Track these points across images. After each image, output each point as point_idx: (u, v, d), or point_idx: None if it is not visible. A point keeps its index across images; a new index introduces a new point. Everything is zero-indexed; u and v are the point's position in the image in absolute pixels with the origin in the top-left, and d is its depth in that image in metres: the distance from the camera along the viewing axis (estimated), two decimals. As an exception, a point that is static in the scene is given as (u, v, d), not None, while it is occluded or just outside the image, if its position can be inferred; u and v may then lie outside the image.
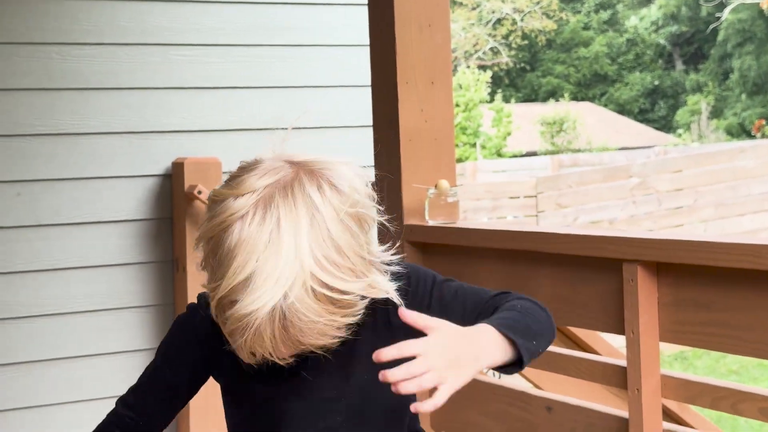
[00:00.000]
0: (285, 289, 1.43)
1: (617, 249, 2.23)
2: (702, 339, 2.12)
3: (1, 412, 4.24)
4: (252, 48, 4.63)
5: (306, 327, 1.46)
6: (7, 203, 4.24)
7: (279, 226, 1.47)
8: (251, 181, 1.54)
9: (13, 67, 4.23)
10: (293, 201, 1.49)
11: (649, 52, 40.27)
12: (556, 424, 2.42)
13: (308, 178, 1.55)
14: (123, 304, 4.42)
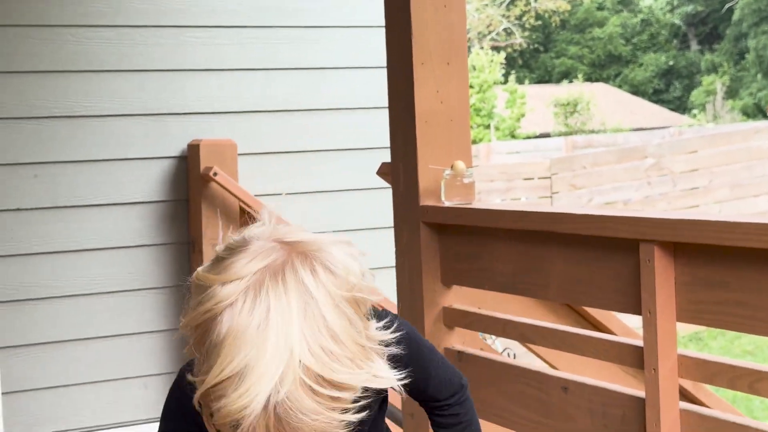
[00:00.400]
0: (275, 384, 1.31)
1: (634, 229, 2.21)
2: (719, 319, 2.10)
3: (20, 392, 4.27)
4: (265, 29, 4.62)
5: (304, 426, 1.33)
6: (25, 185, 4.25)
7: (269, 315, 1.34)
8: (239, 266, 1.41)
9: (28, 49, 4.24)
10: (284, 287, 1.37)
11: (664, 32, 40.12)
12: (572, 404, 2.42)
13: (301, 261, 1.41)
14: (140, 286, 4.44)
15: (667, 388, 2.17)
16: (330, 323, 1.35)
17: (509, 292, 2.85)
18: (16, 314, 4.26)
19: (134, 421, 4.45)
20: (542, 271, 2.54)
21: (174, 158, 4.47)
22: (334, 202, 4.73)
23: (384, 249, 3.73)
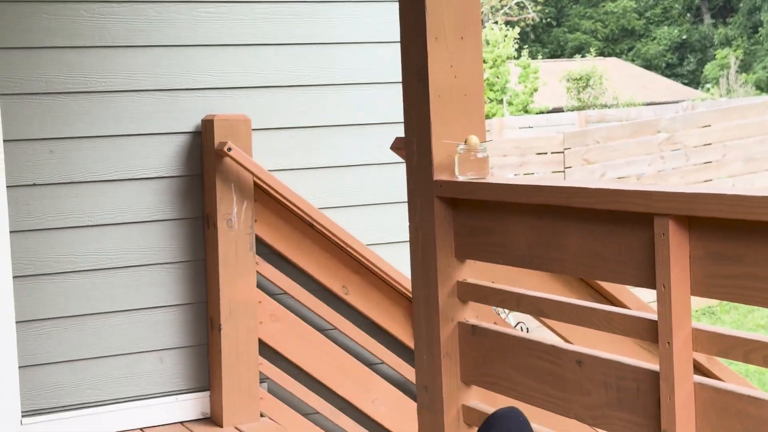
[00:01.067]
0: None
1: (648, 203, 2.21)
2: (733, 292, 2.10)
3: (37, 366, 4.29)
4: (278, 5, 4.61)
5: None
6: (40, 160, 4.26)
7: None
8: None
9: (42, 24, 4.24)
10: None
11: (677, 5, 39.95)
12: (586, 377, 2.43)
13: None
14: (155, 260, 4.45)
15: (681, 362, 2.18)
16: None
17: (524, 267, 2.85)
18: (31, 289, 4.27)
19: (151, 394, 4.47)
20: (557, 245, 2.54)
21: (188, 134, 4.48)
22: (349, 177, 4.73)
23: (398, 224, 3.74)
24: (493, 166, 11.96)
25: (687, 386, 2.19)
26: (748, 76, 33.61)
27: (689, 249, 2.17)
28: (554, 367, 2.56)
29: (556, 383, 2.54)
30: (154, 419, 4.46)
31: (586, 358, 2.44)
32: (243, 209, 4.40)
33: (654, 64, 37.67)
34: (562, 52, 37.67)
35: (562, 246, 2.50)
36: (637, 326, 2.34)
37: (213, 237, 4.39)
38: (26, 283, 4.26)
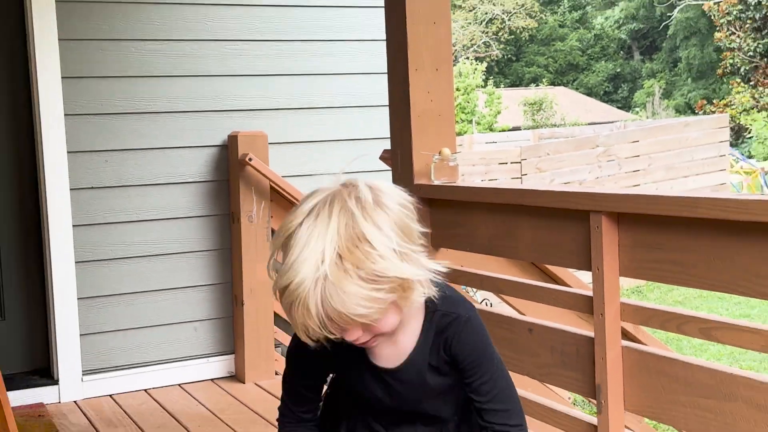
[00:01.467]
0: (317, 265, 1.41)
1: (586, 202, 2.23)
2: (655, 274, 2.12)
3: (95, 334, 4.30)
4: (290, 43, 4.62)
5: (343, 297, 1.41)
6: (97, 169, 4.26)
7: (316, 225, 1.45)
8: (303, 204, 1.51)
9: (100, 59, 4.24)
10: (329, 211, 1.46)
11: (613, 45, 39.97)
12: (536, 342, 2.44)
13: (347, 191, 1.50)
14: (190, 249, 4.46)
15: (611, 330, 2.19)
16: (370, 236, 1.43)
17: (486, 254, 2.86)
18: (90, 272, 4.27)
19: (186, 357, 4.48)
20: (513, 236, 2.54)
21: (217, 147, 4.48)
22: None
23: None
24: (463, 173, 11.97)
25: (616, 349, 2.19)
26: (669, 101, 33.68)
27: (618, 239, 2.18)
28: (510, 334, 2.57)
29: (511, 347, 2.55)
30: (189, 377, 4.47)
31: (536, 327, 2.45)
32: (261, 208, 4.40)
33: (594, 91, 37.72)
34: (521, 82, 37.66)
35: (517, 237, 2.51)
36: (577, 301, 2.36)
37: (237, 230, 4.40)
38: (86, 267, 4.26)
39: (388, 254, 1.44)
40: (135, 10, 4.30)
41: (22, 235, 4.31)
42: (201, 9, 4.43)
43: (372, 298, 1.43)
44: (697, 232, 1.98)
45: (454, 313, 1.62)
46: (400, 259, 1.45)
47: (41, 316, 4.35)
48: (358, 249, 1.43)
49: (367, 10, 4.70)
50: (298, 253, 1.43)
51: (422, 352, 1.63)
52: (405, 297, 1.48)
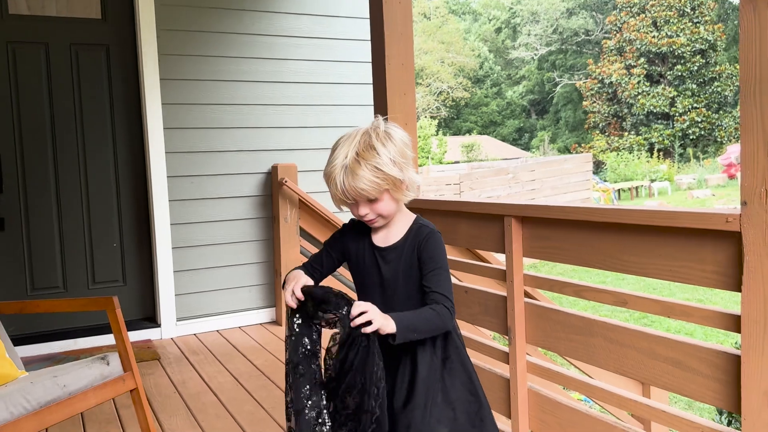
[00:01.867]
0: (343, 159, 1.54)
1: (501, 209, 2.23)
2: (545, 255, 2.11)
3: (184, 294, 4.30)
4: (313, 107, 4.65)
5: (355, 177, 1.53)
6: (186, 187, 4.27)
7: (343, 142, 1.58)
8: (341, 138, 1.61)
9: (189, 116, 4.26)
10: (355, 137, 1.58)
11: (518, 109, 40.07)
12: (470, 299, 2.43)
13: (370, 129, 1.60)
14: (247, 239, 4.47)
15: (518, 291, 2.19)
16: (377, 148, 1.55)
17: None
18: (182, 253, 4.28)
19: (244, 308, 4.49)
20: (455, 231, 2.54)
21: (264, 173, 4.49)
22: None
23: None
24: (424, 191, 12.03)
25: (520, 304, 2.19)
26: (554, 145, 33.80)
27: (522, 233, 2.17)
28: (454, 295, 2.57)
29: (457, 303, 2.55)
30: (246, 321, 4.48)
31: (470, 290, 2.44)
32: (293, 213, 4.42)
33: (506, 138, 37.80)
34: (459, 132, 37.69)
35: (458, 231, 2.50)
36: (495, 272, 2.34)
37: (277, 227, 4.42)
38: (179, 251, 4.27)
39: (386, 158, 1.55)
40: (213, 85, 4.32)
41: (138, 230, 4.32)
42: (253, 84, 4.45)
43: (372, 181, 1.54)
44: (571, 229, 1.97)
45: (428, 227, 1.66)
46: (393, 165, 1.55)
47: (149, 282, 4.35)
48: (367, 151, 1.54)
49: (363, 86, 4.74)
50: (336, 152, 1.57)
51: (403, 245, 1.64)
52: (396, 190, 1.58)
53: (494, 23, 42.08)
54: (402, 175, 1.56)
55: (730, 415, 3.61)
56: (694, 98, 27.00)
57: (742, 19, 1.40)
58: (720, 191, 16.85)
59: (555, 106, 37.97)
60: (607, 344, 1.87)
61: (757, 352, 1.43)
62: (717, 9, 29.43)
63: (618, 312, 7.47)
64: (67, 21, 4.08)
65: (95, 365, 2.25)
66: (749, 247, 1.43)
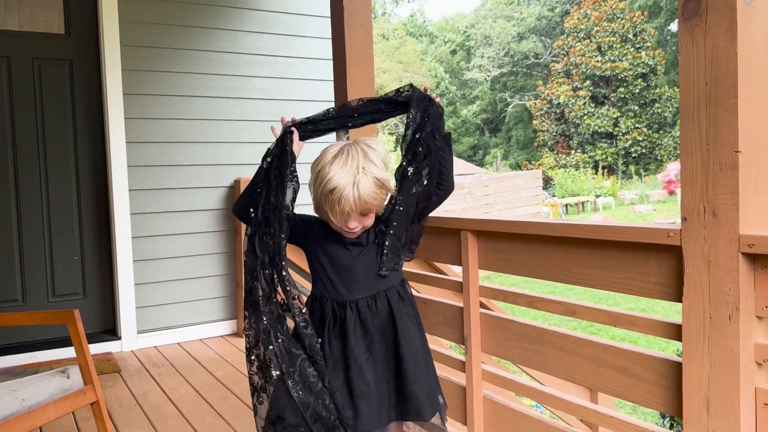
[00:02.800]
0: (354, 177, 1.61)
1: (458, 223, 2.23)
2: (498, 267, 2.11)
3: (146, 307, 4.21)
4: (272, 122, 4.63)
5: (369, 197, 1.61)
6: (148, 201, 4.20)
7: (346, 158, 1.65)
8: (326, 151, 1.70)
9: (153, 130, 4.20)
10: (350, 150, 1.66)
11: (472, 127, 40.60)
12: (429, 310, 2.42)
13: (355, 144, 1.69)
14: (208, 251, 4.41)
15: (473, 302, 2.19)
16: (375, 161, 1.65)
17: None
18: (146, 266, 4.20)
19: (204, 321, 4.43)
20: None
21: (227, 187, 4.45)
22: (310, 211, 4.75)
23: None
24: (380, 205, 12.04)
25: (476, 314, 2.20)
26: (506, 162, 34.31)
27: (477, 245, 2.18)
28: (412, 305, 2.57)
29: None
30: (207, 333, 4.41)
31: (428, 301, 2.43)
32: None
33: (461, 155, 38.24)
34: (415, 148, 37.94)
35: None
36: (453, 284, 2.34)
37: (239, 240, 4.37)
38: (141, 264, 4.18)
39: (383, 171, 1.65)
40: (177, 101, 4.27)
41: (99, 244, 4.22)
42: (217, 100, 4.42)
43: (377, 194, 1.64)
44: (524, 242, 1.99)
45: None
46: (387, 176, 1.67)
47: (110, 295, 4.25)
48: (370, 165, 1.62)
49: (325, 103, 4.74)
50: (338, 171, 1.61)
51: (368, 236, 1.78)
52: (383, 200, 1.70)
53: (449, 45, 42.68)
54: (390, 185, 1.67)
55: (672, 419, 3.70)
56: (636, 119, 27.81)
57: (681, 47, 1.46)
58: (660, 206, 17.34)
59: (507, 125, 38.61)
60: (558, 352, 1.90)
61: (696, 359, 1.47)
62: (657, 35, 30.42)
63: (566, 321, 7.59)
64: (29, 35, 3.99)
65: (55, 378, 2.19)
66: (689, 261, 1.48)
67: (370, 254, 1.77)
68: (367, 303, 1.74)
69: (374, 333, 1.74)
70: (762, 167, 1.40)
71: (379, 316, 1.74)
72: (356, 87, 2.71)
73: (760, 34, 1.38)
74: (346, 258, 1.76)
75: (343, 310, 1.74)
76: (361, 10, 2.69)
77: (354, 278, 1.75)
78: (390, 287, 1.79)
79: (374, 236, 1.77)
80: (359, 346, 1.72)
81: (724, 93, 1.38)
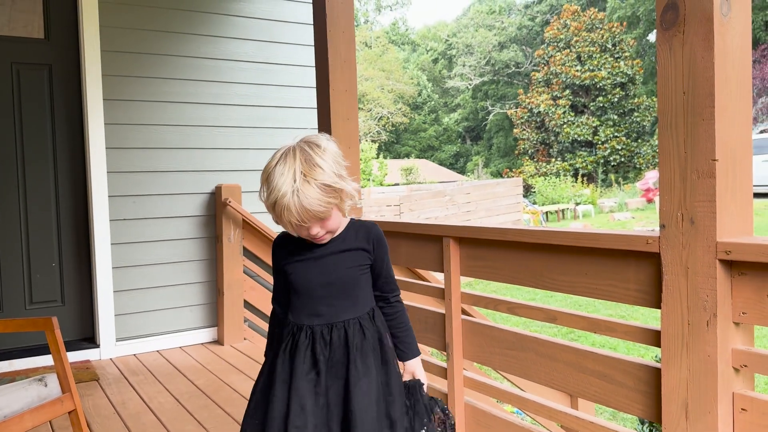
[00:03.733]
0: (292, 183, 1.44)
1: (439, 230, 2.24)
2: (480, 273, 2.12)
3: (125, 314, 4.16)
4: (255, 129, 4.61)
5: (309, 199, 1.44)
6: (128, 206, 4.15)
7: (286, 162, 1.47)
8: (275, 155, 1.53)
9: (133, 136, 4.16)
10: (293, 156, 1.48)
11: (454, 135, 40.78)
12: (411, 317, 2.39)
13: (300, 143, 1.53)
14: (189, 258, 4.36)
15: (455, 308, 2.20)
16: (319, 164, 1.46)
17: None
18: (125, 273, 4.15)
19: (185, 328, 4.38)
20: (396, 251, 2.53)
21: (208, 193, 4.42)
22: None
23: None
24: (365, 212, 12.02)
25: (458, 321, 2.20)
26: (487, 169, 34.50)
27: (459, 252, 2.18)
28: (393, 312, 2.57)
29: None
30: (187, 341, 4.36)
31: (409, 308, 2.40)
32: (236, 233, 4.35)
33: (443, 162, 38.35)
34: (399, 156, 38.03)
35: (399, 251, 2.49)
36: (434, 291, 2.35)
37: (220, 247, 4.34)
38: (120, 270, 4.13)
39: (329, 172, 1.47)
40: (157, 106, 4.24)
41: (78, 250, 4.16)
42: (198, 106, 4.39)
43: (325, 200, 1.46)
44: (504, 249, 2.00)
45: (368, 222, 1.69)
46: (338, 177, 1.49)
47: (89, 302, 4.19)
48: (313, 170, 1.45)
49: (306, 110, 4.74)
50: (278, 179, 1.45)
51: (341, 237, 1.62)
52: (342, 201, 1.53)
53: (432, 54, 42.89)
54: (343, 185, 1.50)
55: (651, 424, 3.72)
56: (615, 128, 28.13)
57: (660, 56, 1.48)
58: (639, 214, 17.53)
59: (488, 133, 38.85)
60: (538, 358, 1.90)
61: (675, 365, 1.49)
62: (636, 46, 30.84)
63: (546, 327, 7.63)
64: (8, 40, 3.94)
65: (32, 387, 2.15)
66: (668, 267, 1.49)
67: None
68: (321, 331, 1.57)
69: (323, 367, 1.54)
70: (738, 175, 1.42)
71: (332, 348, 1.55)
72: (339, 94, 2.71)
73: (737, 44, 1.41)
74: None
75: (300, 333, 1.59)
76: (344, 18, 2.70)
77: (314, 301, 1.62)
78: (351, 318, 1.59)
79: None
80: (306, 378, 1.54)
81: (701, 102, 1.40)
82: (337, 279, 1.60)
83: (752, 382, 1.44)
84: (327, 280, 1.59)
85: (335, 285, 1.59)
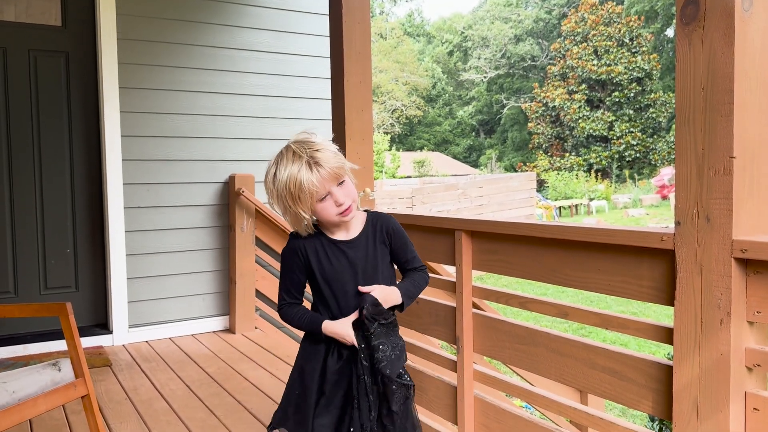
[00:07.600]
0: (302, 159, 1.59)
1: (452, 223, 2.24)
2: (492, 268, 2.11)
3: (138, 301, 4.20)
4: (271, 119, 4.62)
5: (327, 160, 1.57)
6: (143, 194, 4.18)
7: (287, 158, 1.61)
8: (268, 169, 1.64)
9: (148, 124, 4.18)
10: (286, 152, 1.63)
11: (468, 128, 40.63)
12: (421, 309, 2.43)
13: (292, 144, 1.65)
14: (202, 247, 4.39)
15: (466, 302, 2.20)
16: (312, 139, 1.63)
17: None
18: (139, 261, 4.18)
19: (197, 316, 4.41)
20: None
21: (221, 183, 4.44)
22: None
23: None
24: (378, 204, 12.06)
25: (468, 314, 2.20)
26: (500, 163, 34.34)
27: (471, 246, 2.18)
28: (405, 304, 2.57)
29: (407, 312, 2.50)
30: (199, 329, 4.40)
31: (421, 301, 2.43)
32: (249, 222, 4.37)
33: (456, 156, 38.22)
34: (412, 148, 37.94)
35: None
36: (446, 284, 2.34)
37: (233, 236, 4.36)
38: (133, 258, 4.17)
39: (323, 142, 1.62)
40: (173, 95, 4.25)
41: (93, 237, 4.20)
42: (213, 96, 4.40)
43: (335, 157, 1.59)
44: (517, 243, 1.99)
45: (382, 214, 1.78)
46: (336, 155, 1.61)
47: (102, 288, 4.23)
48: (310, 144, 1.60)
49: (320, 101, 4.74)
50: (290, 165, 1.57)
51: (366, 232, 1.71)
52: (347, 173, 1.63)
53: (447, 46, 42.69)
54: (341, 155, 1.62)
55: (661, 422, 3.71)
56: (630, 123, 27.90)
57: (679, 52, 1.46)
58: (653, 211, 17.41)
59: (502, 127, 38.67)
60: (550, 354, 1.90)
61: (688, 363, 1.48)
62: (653, 40, 30.52)
63: (557, 323, 7.61)
64: (25, 27, 3.96)
65: (46, 371, 2.17)
66: (682, 265, 1.48)
67: None
68: None
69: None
70: (756, 173, 1.41)
71: None
72: (353, 85, 2.71)
73: (758, 40, 1.39)
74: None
75: None
76: (360, 9, 2.69)
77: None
78: None
79: None
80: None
81: (720, 98, 1.38)
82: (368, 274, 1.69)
83: (765, 382, 1.43)
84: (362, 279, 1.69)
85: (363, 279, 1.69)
